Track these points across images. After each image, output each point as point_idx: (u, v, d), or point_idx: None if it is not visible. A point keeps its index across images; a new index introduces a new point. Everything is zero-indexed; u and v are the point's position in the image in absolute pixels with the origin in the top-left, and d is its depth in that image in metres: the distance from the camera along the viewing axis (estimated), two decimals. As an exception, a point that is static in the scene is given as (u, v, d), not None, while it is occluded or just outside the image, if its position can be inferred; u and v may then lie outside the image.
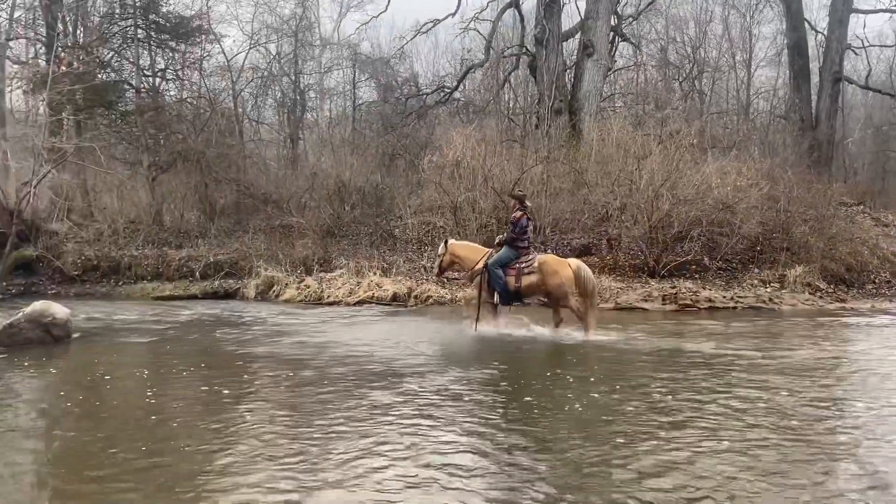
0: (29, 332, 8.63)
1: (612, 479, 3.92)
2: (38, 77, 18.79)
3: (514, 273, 9.39)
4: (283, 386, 6.44)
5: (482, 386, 6.31)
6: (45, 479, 4.17)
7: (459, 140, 16.68)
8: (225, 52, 24.05)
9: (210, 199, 19.99)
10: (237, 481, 3.98)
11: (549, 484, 3.85)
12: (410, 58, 27.34)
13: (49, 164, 16.84)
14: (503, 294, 9.48)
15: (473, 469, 4.11)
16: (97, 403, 6.00)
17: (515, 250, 9.49)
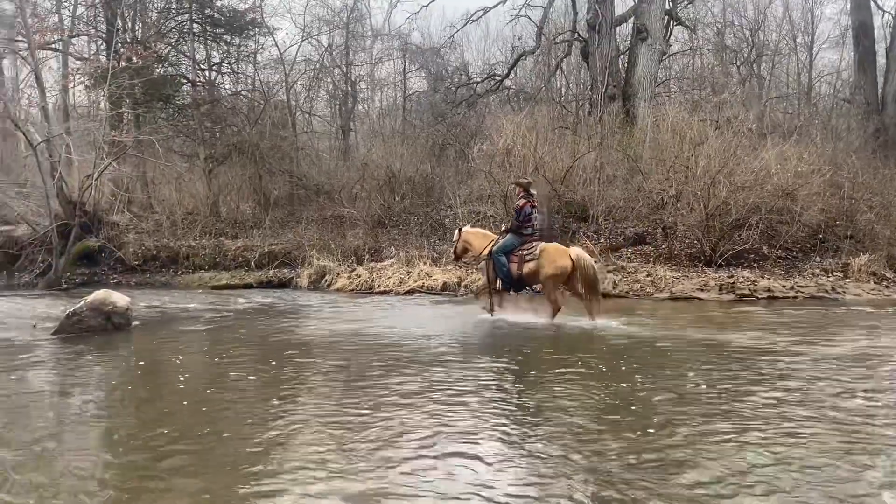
0: (91, 320, 8.89)
1: (643, 470, 3.82)
2: (98, 72, 19.33)
3: (516, 260, 9.50)
4: (332, 371, 6.49)
5: (515, 375, 6.25)
6: (108, 460, 4.28)
7: (510, 128, 16.53)
8: (278, 44, 24.34)
9: (264, 190, 20.32)
10: (292, 464, 4.02)
11: (583, 475, 3.78)
12: (461, 46, 27.22)
13: (110, 158, 17.33)
14: (506, 280, 9.63)
15: (504, 459, 4.06)
16: (156, 389, 6.15)
17: (519, 237, 9.59)
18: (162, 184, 20.30)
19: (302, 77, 25.49)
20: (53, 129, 17.14)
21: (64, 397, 6.03)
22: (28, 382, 6.61)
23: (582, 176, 16.32)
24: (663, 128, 16.69)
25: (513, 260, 9.52)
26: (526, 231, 9.64)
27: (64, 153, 16.82)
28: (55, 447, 4.48)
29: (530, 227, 9.66)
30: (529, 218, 9.63)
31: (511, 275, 9.54)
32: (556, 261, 9.27)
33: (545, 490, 3.60)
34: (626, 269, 14.01)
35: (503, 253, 9.60)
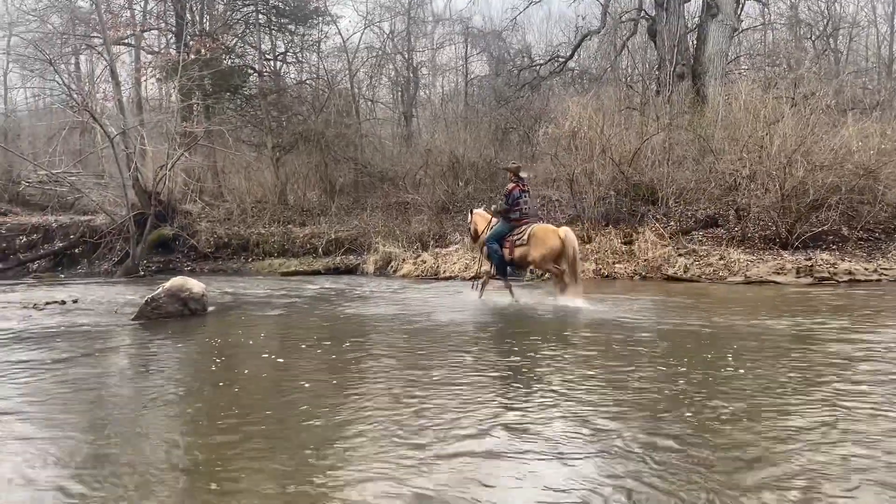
0: (168, 306, 9.17)
1: (690, 466, 3.68)
2: (169, 65, 19.88)
3: (508, 245, 9.72)
4: (402, 355, 6.52)
5: (571, 363, 6.14)
6: (188, 443, 4.40)
7: (575, 110, 16.25)
8: (341, 32, 24.54)
9: (330, 177, 20.58)
10: (367, 447, 4.04)
11: (634, 468, 3.67)
12: (523, 29, 26.95)
13: (182, 148, 17.83)
14: (499, 267, 9.92)
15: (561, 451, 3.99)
16: (232, 372, 6.29)
17: (509, 222, 9.79)
18: (231, 173, 20.78)
19: (364, 64, 25.66)
20: (128, 122, 17.72)
21: (145, 381, 6.23)
22: (111, 366, 6.86)
23: (650, 157, 15.94)
24: (735, 106, 16.12)
25: (505, 245, 9.74)
26: (514, 215, 9.81)
27: (138, 145, 17.39)
28: (138, 429, 4.62)
29: (518, 211, 9.81)
30: (518, 202, 9.78)
31: (504, 261, 9.80)
32: (546, 241, 9.44)
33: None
34: (698, 253, 13.65)
35: (495, 240, 9.84)
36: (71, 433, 4.52)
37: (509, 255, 9.73)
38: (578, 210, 15.54)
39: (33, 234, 18.16)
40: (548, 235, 9.48)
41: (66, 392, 5.61)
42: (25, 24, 23.27)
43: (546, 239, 9.44)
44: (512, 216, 9.80)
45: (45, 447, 4.23)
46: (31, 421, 4.74)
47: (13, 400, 5.23)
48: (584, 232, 14.87)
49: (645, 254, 13.72)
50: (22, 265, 17.29)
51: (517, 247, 9.61)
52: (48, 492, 3.54)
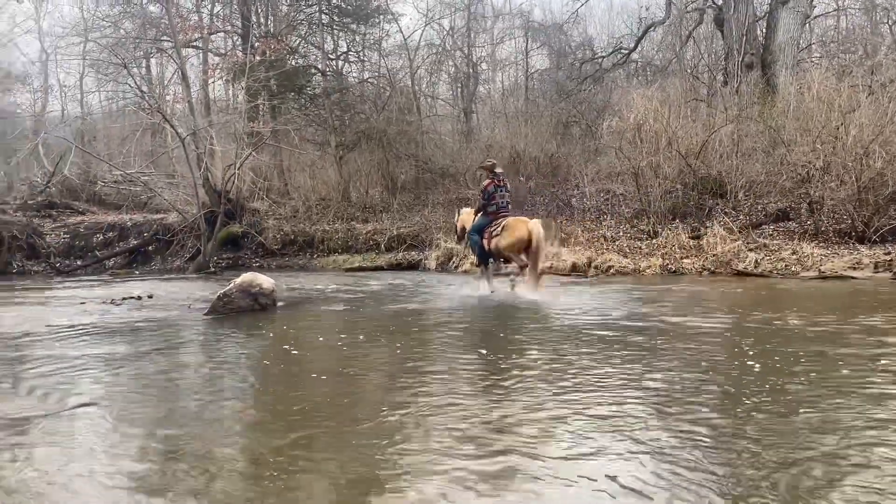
0: (240, 301, 9.40)
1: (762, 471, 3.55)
2: (236, 67, 20.38)
3: (487, 237, 10.40)
4: (466, 350, 6.52)
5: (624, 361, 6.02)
6: (249, 436, 4.51)
7: (640, 102, 15.96)
8: (402, 30, 24.70)
9: (392, 174, 20.76)
10: (434, 444, 4.06)
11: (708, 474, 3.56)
12: (584, 21, 26.60)
13: (250, 148, 18.27)
14: (479, 256, 10.72)
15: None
16: (301, 366, 6.41)
17: (487, 216, 10.43)
18: (297, 171, 21.17)
19: (425, 62, 25.77)
20: (198, 123, 18.25)
21: (216, 375, 6.40)
22: (184, 360, 7.08)
23: (718, 150, 15.55)
24: (808, 96, 15.56)
25: (485, 237, 10.44)
26: (490, 208, 10.41)
27: (208, 145, 17.90)
28: (207, 423, 4.76)
29: (494, 205, 10.40)
30: (493, 196, 10.38)
31: (484, 251, 10.54)
32: (514, 232, 10.01)
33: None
34: (769, 248, 13.25)
35: (476, 232, 10.56)
36: (144, 427, 4.68)
37: (488, 245, 10.39)
38: (644, 204, 15.27)
39: (109, 233, 18.90)
40: (517, 226, 10.07)
41: (141, 386, 5.81)
42: (100, 30, 24.25)
43: (515, 229, 10.03)
44: (489, 210, 10.41)
45: (119, 441, 4.38)
46: (107, 414, 4.92)
47: (92, 393, 5.44)
48: (651, 226, 14.62)
49: (713, 248, 13.38)
50: (99, 262, 18.00)
51: (493, 238, 10.27)
52: (119, 485, 3.67)
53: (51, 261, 17.76)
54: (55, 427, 4.60)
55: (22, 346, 7.43)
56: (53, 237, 18.58)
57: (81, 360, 6.64)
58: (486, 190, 10.39)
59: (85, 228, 19.05)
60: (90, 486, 3.66)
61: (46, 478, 3.76)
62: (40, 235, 18.15)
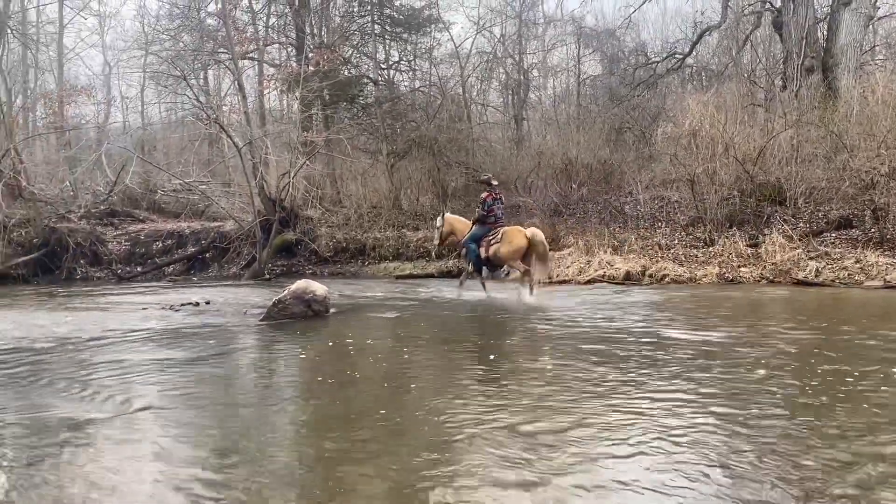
0: (294, 308, 9.54)
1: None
2: (291, 78, 20.75)
3: (484, 245, 11.07)
4: (518, 357, 6.47)
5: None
6: (301, 440, 4.55)
7: (696, 108, 15.66)
8: (453, 39, 24.79)
9: (442, 182, 20.80)
10: (483, 453, 4.03)
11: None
12: (637, 26, 26.26)
13: (304, 157, 18.56)
14: (476, 264, 11.31)
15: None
16: (351, 373, 6.45)
17: (484, 226, 11.16)
18: (349, 179, 21.41)
19: (476, 69, 25.80)
20: (254, 133, 18.63)
21: (270, 380, 6.50)
22: (240, 365, 7.22)
23: (777, 156, 15.13)
24: (872, 100, 15.04)
25: (482, 245, 11.09)
26: (489, 220, 11.16)
27: (263, 154, 18.24)
28: (261, 428, 4.83)
29: (493, 216, 11.18)
30: (492, 208, 11.16)
31: (480, 259, 11.17)
32: (514, 240, 10.80)
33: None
34: (831, 256, 12.82)
35: (473, 241, 11.22)
36: (199, 431, 4.79)
37: (485, 253, 11.05)
38: (700, 211, 14.96)
39: (168, 240, 19.38)
40: (516, 235, 10.89)
41: (198, 390, 5.94)
42: (160, 43, 25.01)
43: (514, 238, 10.82)
44: (487, 221, 11.15)
45: (175, 444, 4.48)
46: (164, 418, 5.04)
47: (150, 397, 5.58)
48: (707, 234, 14.30)
49: (772, 257, 13.02)
50: (158, 269, 18.48)
51: (492, 245, 10.97)
52: (174, 488, 3.74)
53: (112, 267, 18.31)
54: (115, 430, 4.73)
55: (86, 351, 7.66)
56: (115, 244, 19.14)
57: (141, 364, 6.82)
58: (486, 202, 11.15)
59: (145, 236, 19.59)
60: (146, 488, 3.75)
61: (105, 479, 3.86)
62: (103, 243, 18.72)
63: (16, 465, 4.14)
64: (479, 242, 11.18)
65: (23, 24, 23.98)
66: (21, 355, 7.39)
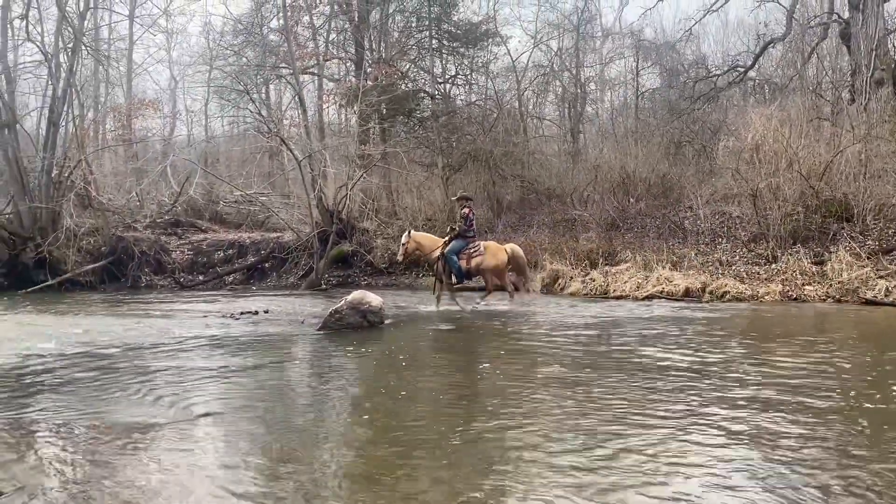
0: (350, 318, 9.67)
1: None
2: (350, 92, 21.08)
3: (465, 258, 11.73)
4: (572, 372, 6.40)
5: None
6: (357, 449, 4.59)
7: (758, 122, 15.28)
8: (510, 53, 24.83)
9: (497, 195, 20.79)
10: (539, 464, 4.00)
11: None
12: (697, 39, 25.81)
13: (361, 170, 18.80)
14: (458, 275, 11.89)
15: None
16: (405, 383, 6.49)
17: (464, 240, 11.80)
18: (404, 192, 21.59)
19: (532, 83, 25.76)
20: (313, 146, 18.96)
21: (327, 389, 6.58)
22: (298, 374, 7.34)
23: (844, 171, 14.63)
24: (948, 112, 14.48)
25: (462, 258, 11.72)
26: (469, 234, 11.88)
27: (322, 167, 18.54)
28: (317, 435, 4.90)
29: (472, 231, 11.99)
30: (472, 223, 11.97)
31: (462, 270, 11.75)
32: (497, 255, 11.85)
33: None
34: (902, 275, 12.31)
35: (454, 253, 11.72)
36: (256, 437, 4.88)
37: (466, 265, 11.71)
38: (762, 227, 14.55)
39: (229, 250, 19.84)
40: (498, 251, 11.96)
41: (256, 397, 6.07)
42: (224, 58, 25.76)
43: (497, 253, 11.88)
44: (468, 235, 11.84)
45: (233, 450, 4.58)
46: (222, 425, 5.16)
47: (210, 404, 5.72)
48: (769, 251, 13.91)
49: (839, 275, 12.55)
50: (219, 278, 18.93)
51: (473, 258, 11.70)
52: (232, 493, 3.81)
53: (175, 275, 18.82)
54: (176, 435, 4.86)
55: (150, 357, 7.91)
56: (178, 253, 19.70)
57: (203, 371, 7.00)
58: (468, 217, 11.87)
59: (207, 245, 20.10)
60: (202, 493, 3.83)
61: (163, 483, 3.97)
62: (167, 252, 19.29)
63: (80, 466, 4.29)
64: (458, 255, 11.76)
65: (95, 40, 24.94)
66: (89, 360, 7.67)
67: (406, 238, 12.30)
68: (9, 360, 7.64)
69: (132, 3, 28.04)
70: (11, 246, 17.73)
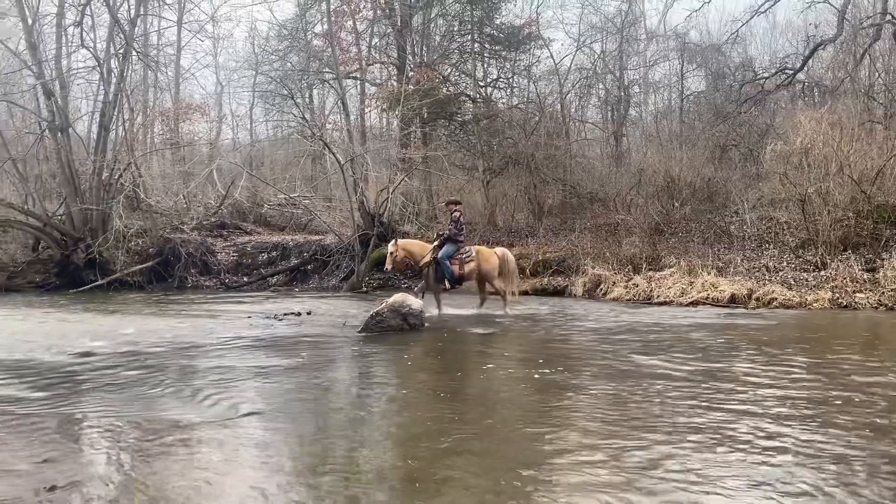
0: (390, 321, 9.71)
1: None
2: (392, 96, 21.21)
3: (457, 262, 11.73)
4: (610, 381, 6.32)
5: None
6: (396, 451, 4.60)
7: (808, 125, 14.95)
8: (553, 56, 24.71)
9: (538, 199, 20.70)
10: (573, 471, 3.96)
11: None
12: (744, 41, 25.31)
13: (402, 173, 18.89)
14: (451, 280, 11.82)
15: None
16: (445, 386, 6.49)
17: (456, 244, 11.81)
18: (444, 195, 21.63)
19: (575, 86, 25.59)
20: (355, 149, 19.12)
21: (367, 390, 6.63)
22: (339, 375, 7.40)
23: (898, 174, 14.24)
24: None
25: (454, 263, 11.71)
26: (460, 238, 11.96)
27: (363, 170, 18.68)
28: (357, 437, 4.92)
29: (462, 235, 12.11)
30: (462, 227, 12.11)
31: (454, 274, 11.72)
32: (490, 259, 11.99)
33: None
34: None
35: (447, 258, 11.70)
36: (298, 437, 4.94)
37: (458, 270, 11.71)
38: (811, 233, 14.21)
39: (273, 252, 20.12)
40: (490, 255, 12.10)
41: (298, 398, 6.13)
42: (269, 63, 26.14)
43: (490, 257, 12.03)
44: (460, 239, 11.93)
45: (275, 450, 4.64)
46: (265, 424, 5.23)
47: (254, 403, 5.80)
48: (818, 257, 13.57)
49: (892, 282, 12.19)
50: (263, 279, 19.21)
51: (466, 263, 11.76)
52: (271, 493, 3.86)
53: (220, 277, 19.16)
54: (220, 434, 4.94)
55: (196, 356, 8.06)
56: (223, 255, 20.04)
57: (247, 371, 7.11)
58: (459, 221, 12.02)
59: (251, 248, 20.41)
60: (244, 490, 3.89)
61: (206, 481, 4.04)
62: (212, 253, 19.64)
63: (127, 463, 4.40)
64: (451, 260, 11.74)
65: (145, 46, 25.54)
66: (138, 358, 7.85)
67: (394, 247, 12.17)
68: (63, 358, 7.87)
69: (180, 10, 28.61)
70: (63, 246, 18.26)
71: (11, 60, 21.14)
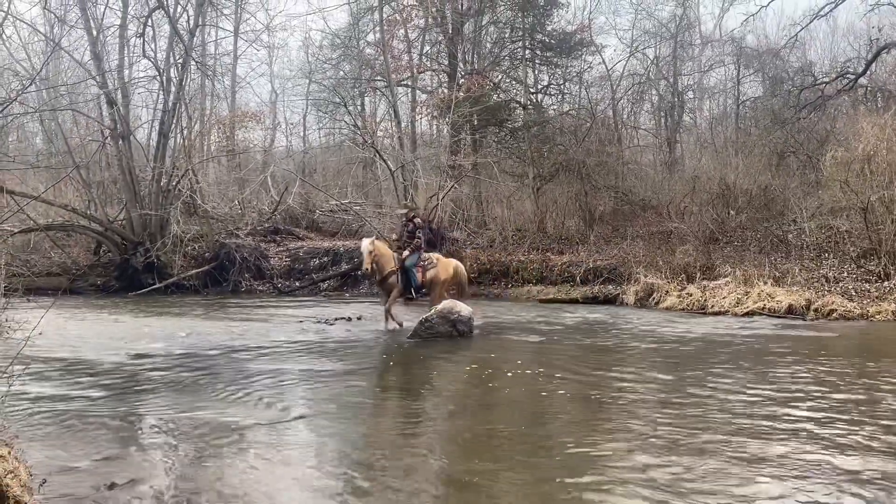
0: (439, 327, 9.76)
1: None
2: (443, 103, 21.32)
3: (420, 270, 11.56)
4: (658, 390, 6.22)
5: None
6: (444, 458, 4.61)
7: (870, 131, 14.46)
8: (605, 62, 24.50)
9: (589, 206, 20.50)
10: (618, 479, 3.91)
11: None
12: (803, 45, 24.64)
13: (451, 180, 18.94)
14: (415, 289, 11.68)
15: None
16: (494, 394, 6.49)
17: (417, 252, 11.68)
18: (494, 202, 21.62)
19: (628, 92, 25.31)
20: (406, 156, 19.27)
21: (416, 397, 6.66)
22: (388, 381, 7.47)
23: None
24: None
25: (417, 270, 11.53)
26: (420, 246, 11.81)
27: (413, 177, 18.81)
28: (404, 443, 4.95)
29: (421, 242, 11.91)
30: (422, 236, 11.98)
31: (418, 282, 11.58)
32: (448, 269, 11.99)
33: None
34: None
35: (412, 266, 11.50)
36: (346, 442, 5.01)
37: (422, 278, 11.54)
38: (873, 242, 13.74)
39: (324, 257, 20.36)
40: (449, 264, 12.17)
41: (348, 402, 6.21)
42: (322, 71, 26.55)
43: (448, 266, 12.04)
44: (420, 248, 11.80)
45: (324, 454, 4.72)
46: (315, 427, 5.32)
47: (305, 406, 5.91)
48: (881, 268, 13.12)
49: (961, 295, 11.71)
50: (314, 284, 19.46)
51: (428, 271, 11.62)
52: (319, 495, 3.91)
53: (273, 281, 19.50)
54: (272, 436, 5.04)
55: (250, 359, 8.22)
56: (276, 260, 20.38)
57: (298, 374, 7.23)
58: (420, 228, 11.93)
59: (304, 253, 20.71)
60: (294, 493, 3.96)
61: (257, 481, 4.13)
62: (266, 258, 19.99)
63: (181, 462, 4.51)
64: (415, 268, 11.61)
65: (203, 56, 26.19)
66: (193, 361, 8.05)
67: (372, 246, 11.31)
68: (122, 359, 8.12)
69: (237, 20, 29.27)
70: (123, 250, 18.82)
71: (77, 71, 21.91)
